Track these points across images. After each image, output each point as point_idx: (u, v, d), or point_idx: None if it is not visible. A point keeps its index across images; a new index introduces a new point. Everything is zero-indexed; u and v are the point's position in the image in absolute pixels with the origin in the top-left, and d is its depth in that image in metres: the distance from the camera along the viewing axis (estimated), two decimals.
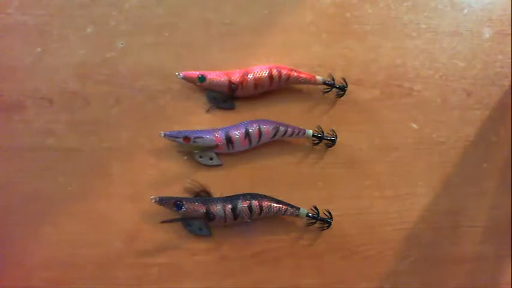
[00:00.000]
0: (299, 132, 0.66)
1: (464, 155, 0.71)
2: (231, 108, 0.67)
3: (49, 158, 0.64)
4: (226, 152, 0.65)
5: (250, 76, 0.65)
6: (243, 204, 0.62)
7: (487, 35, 0.74)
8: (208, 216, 0.61)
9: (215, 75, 0.65)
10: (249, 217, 0.62)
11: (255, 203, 0.62)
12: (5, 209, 0.63)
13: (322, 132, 0.67)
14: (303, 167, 0.68)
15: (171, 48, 0.68)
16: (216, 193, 0.64)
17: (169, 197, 0.61)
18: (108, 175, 0.64)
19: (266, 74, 0.65)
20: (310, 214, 0.64)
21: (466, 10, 0.74)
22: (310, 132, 0.66)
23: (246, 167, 0.66)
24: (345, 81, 0.68)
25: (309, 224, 0.64)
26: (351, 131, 0.69)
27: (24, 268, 0.62)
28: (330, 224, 0.64)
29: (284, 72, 0.66)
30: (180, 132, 0.63)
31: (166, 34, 0.68)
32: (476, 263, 0.69)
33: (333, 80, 0.68)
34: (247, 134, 0.64)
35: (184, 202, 0.61)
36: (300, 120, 0.68)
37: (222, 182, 0.65)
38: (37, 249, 0.62)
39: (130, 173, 0.65)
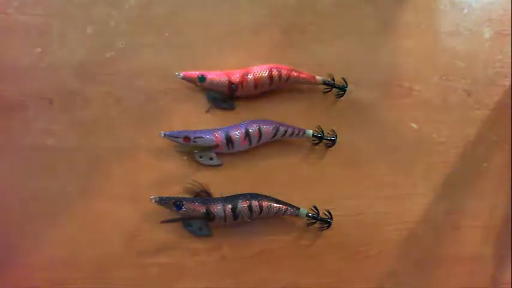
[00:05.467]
0: (299, 132, 0.66)
1: (464, 155, 0.71)
2: (231, 108, 0.67)
3: (49, 158, 0.64)
4: (226, 152, 0.65)
5: (250, 76, 0.65)
6: (243, 204, 0.62)
7: (487, 35, 0.74)
8: (208, 216, 0.61)
9: (215, 75, 0.65)
10: (249, 217, 0.62)
11: (255, 203, 0.62)
12: (5, 209, 0.63)
13: (322, 132, 0.67)
14: (303, 167, 0.68)
15: (171, 48, 0.68)
16: (216, 193, 0.64)
17: (169, 197, 0.61)
18: (108, 175, 0.64)
19: (266, 74, 0.65)
20: (310, 214, 0.64)
21: (466, 10, 0.74)
22: (310, 132, 0.66)
23: (246, 167, 0.66)
24: (345, 81, 0.68)
25: (309, 224, 0.64)
26: (351, 131, 0.69)
27: (24, 268, 0.62)
28: (330, 224, 0.64)
29: (284, 72, 0.66)
30: (180, 132, 0.63)
31: (166, 34, 0.68)
32: (476, 263, 0.69)
33: (333, 80, 0.68)
34: (247, 134, 0.64)
35: (184, 202, 0.61)
36: (300, 120, 0.68)
37: (222, 182, 0.65)
38: (37, 249, 0.62)
39: (130, 173, 0.65)
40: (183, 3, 0.70)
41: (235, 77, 0.65)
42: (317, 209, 0.64)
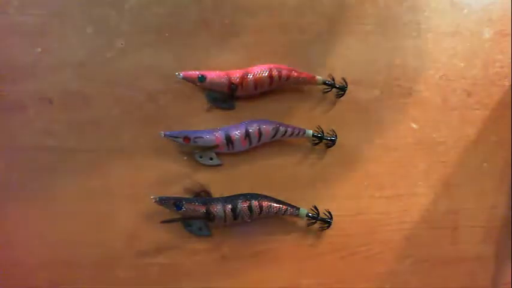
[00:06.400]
0: (299, 132, 0.66)
1: (464, 155, 0.71)
2: (231, 108, 0.67)
3: (49, 158, 0.64)
4: (226, 152, 0.65)
5: (250, 76, 0.65)
6: (243, 204, 0.62)
7: (487, 35, 0.74)
8: (208, 216, 0.61)
9: (215, 75, 0.65)
10: (249, 217, 0.62)
11: (255, 203, 0.62)
12: (5, 209, 0.63)
13: (322, 132, 0.67)
14: (303, 167, 0.68)
15: (171, 48, 0.68)
16: (216, 193, 0.64)
17: (169, 197, 0.61)
18: (108, 175, 0.64)
19: (266, 74, 0.65)
20: (310, 214, 0.64)
21: (466, 10, 0.74)
22: (310, 132, 0.66)
23: (246, 167, 0.66)
24: (345, 81, 0.68)
25: (309, 224, 0.64)
26: (351, 131, 0.69)
27: (24, 268, 0.62)
28: (330, 224, 0.64)
29: (284, 72, 0.66)
30: (180, 132, 0.63)
31: (166, 34, 0.68)
32: (476, 263, 0.69)
33: (333, 80, 0.68)
34: (247, 134, 0.64)
35: (184, 202, 0.61)
36: (300, 120, 0.68)
37: (222, 182, 0.65)
38: (37, 249, 0.62)
39: (131, 173, 0.65)
40: (183, 3, 0.69)
41: (235, 77, 0.65)
42: (317, 209, 0.64)
